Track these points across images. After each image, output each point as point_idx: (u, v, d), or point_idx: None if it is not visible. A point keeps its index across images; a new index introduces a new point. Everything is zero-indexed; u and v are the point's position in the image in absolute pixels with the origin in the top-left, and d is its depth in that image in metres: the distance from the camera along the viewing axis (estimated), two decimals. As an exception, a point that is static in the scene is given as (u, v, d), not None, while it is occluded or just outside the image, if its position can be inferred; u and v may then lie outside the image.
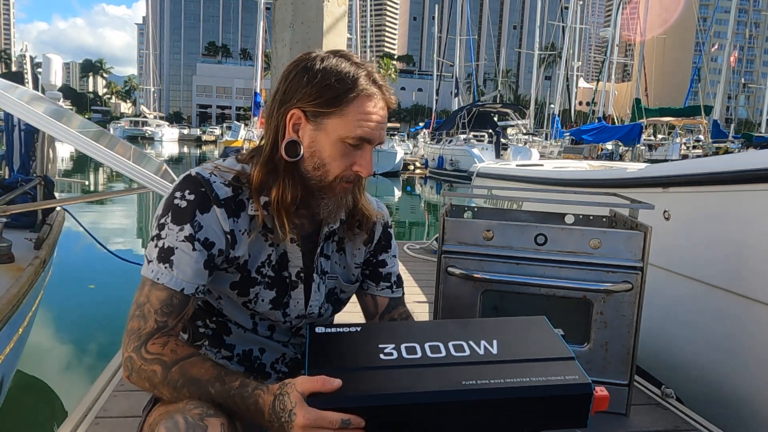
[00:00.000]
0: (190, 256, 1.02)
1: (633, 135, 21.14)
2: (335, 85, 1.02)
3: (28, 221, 3.61)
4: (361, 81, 1.03)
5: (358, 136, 1.03)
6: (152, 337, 0.99)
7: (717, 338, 2.22)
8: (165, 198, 1.07)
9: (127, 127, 59.04)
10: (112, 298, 5.32)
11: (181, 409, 0.91)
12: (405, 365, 0.93)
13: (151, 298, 1.01)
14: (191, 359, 0.96)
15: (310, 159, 1.06)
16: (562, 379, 0.91)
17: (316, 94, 1.02)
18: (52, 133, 1.84)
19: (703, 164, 2.30)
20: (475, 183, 5.47)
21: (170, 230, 1.02)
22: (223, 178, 1.07)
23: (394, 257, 1.30)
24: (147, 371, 0.96)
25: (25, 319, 2.71)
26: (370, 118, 1.03)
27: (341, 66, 1.04)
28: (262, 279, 1.12)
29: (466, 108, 26.53)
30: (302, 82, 1.03)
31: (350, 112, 1.02)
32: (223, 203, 1.05)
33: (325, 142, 1.05)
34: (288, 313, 1.16)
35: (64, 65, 4.86)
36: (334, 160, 1.05)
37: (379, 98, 1.05)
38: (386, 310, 1.28)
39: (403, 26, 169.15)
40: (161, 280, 1.01)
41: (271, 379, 1.20)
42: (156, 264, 1.02)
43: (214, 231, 1.04)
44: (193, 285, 1.03)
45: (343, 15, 2.98)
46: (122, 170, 1.93)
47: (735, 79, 55.60)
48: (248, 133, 24.26)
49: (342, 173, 1.06)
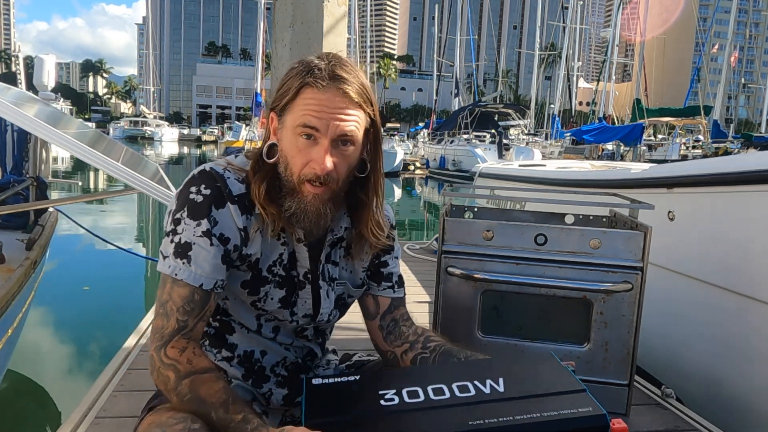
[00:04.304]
0: (207, 251, 1.02)
1: (634, 135, 21.09)
2: (288, 81, 1.04)
3: (21, 222, 3.60)
4: (312, 71, 1.02)
5: (302, 123, 1.01)
6: (173, 339, 1.00)
7: (718, 338, 2.22)
8: (179, 192, 1.07)
9: (127, 128, 59.11)
10: (107, 300, 5.33)
11: (163, 423, 0.93)
12: (408, 409, 0.88)
13: (173, 296, 1.02)
14: (204, 375, 0.97)
15: (282, 158, 1.07)
16: (575, 412, 0.86)
17: (278, 92, 1.06)
18: (39, 135, 1.83)
19: (708, 165, 2.30)
20: (477, 183, 5.47)
21: (186, 225, 1.03)
22: (236, 175, 1.08)
23: (396, 258, 1.29)
24: (163, 375, 0.98)
25: (15, 320, 2.71)
26: (314, 106, 1.01)
27: (304, 62, 1.05)
28: (273, 278, 1.12)
29: (467, 108, 26.53)
30: (278, 86, 1.07)
31: (297, 104, 1.02)
32: (237, 200, 1.06)
33: (285, 138, 1.05)
34: (295, 312, 1.16)
35: (64, 65, 4.86)
36: (293, 157, 1.04)
37: (332, 89, 1.01)
38: (387, 311, 1.26)
39: (403, 26, 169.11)
40: (180, 276, 1.02)
41: (269, 382, 1.20)
42: (173, 259, 1.02)
43: (229, 227, 1.05)
44: (211, 280, 1.03)
45: (343, 15, 2.98)
46: (111, 172, 1.91)
47: (735, 79, 55.55)
48: (249, 133, 24.25)
49: (302, 171, 1.04)
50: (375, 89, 1.19)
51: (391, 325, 1.26)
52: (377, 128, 1.11)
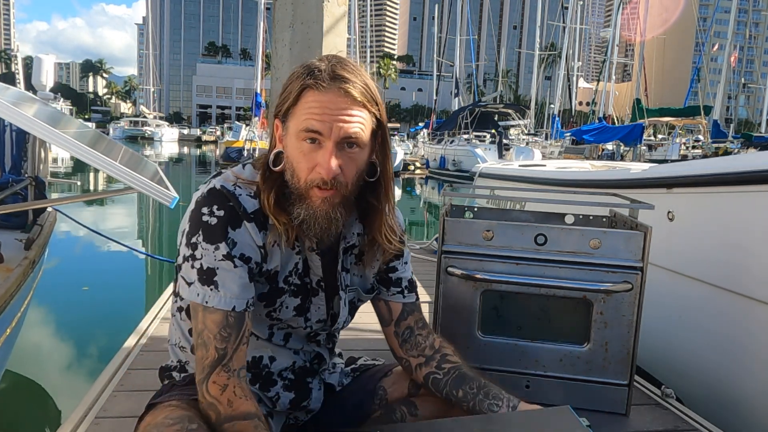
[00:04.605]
0: (233, 273, 1.00)
1: (634, 135, 21.09)
2: (290, 85, 1.02)
3: (19, 222, 3.60)
4: (313, 72, 0.99)
5: (305, 127, 0.99)
6: (214, 371, 0.98)
7: (718, 338, 2.22)
8: (190, 213, 1.03)
9: (127, 128, 59.11)
10: (107, 300, 5.32)
11: (160, 424, 0.93)
12: None
13: (207, 324, 1.00)
14: (243, 423, 0.96)
15: (288, 165, 1.04)
16: None
17: (281, 98, 1.03)
18: (38, 135, 1.82)
19: (708, 165, 2.30)
20: (477, 183, 5.47)
21: (205, 250, 1.00)
22: (248, 190, 1.05)
23: (406, 263, 1.28)
24: (206, 411, 0.98)
25: (13, 320, 2.71)
26: (316, 109, 0.98)
27: (305, 65, 1.02)
28: (289, 288, 1.11)
29: (467, 108, 26.54)
30: (281, 91, 1.04)
31: (299, 108, 1.00)
32: (252, 217, 1.03)
33: (290, 144, 1.03)
34: (309, 318, 1.15)
35: (63, 65, 4.87)
36: (298, 162, 1.02)
37: (334, 89, 0.98)
38: (401, 317, 1.25)
39: (403, 26, 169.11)
40: (211, 303, 0.99)
41: (276, 386, 1.19)
42: (200, 287, 1.00)
43: (249, 245, 1.02)
44: (243, 300, 1.01)
45: (343, 15, 2.98)
46: (110, 172, 1.90)
47: (735, 79, 55.55)
48: (249, 133, 24.25)
49: (308, 176, 1.01)
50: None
51: (407, 333, 1.24)
52: (384, 129, 1.08)
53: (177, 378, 1.17)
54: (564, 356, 1.87)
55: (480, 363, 1.83)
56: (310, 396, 1.23)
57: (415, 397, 1.27)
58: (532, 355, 1.89)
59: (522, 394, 1.89)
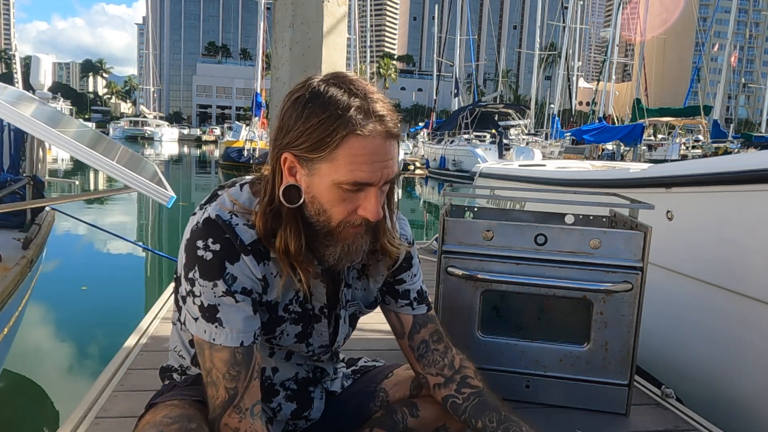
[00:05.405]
0: (236, 308, 0.97)
1: (634, 135, 21.10)
2: (320, 126, 0.89)
3: (17, 221, 3.60)
4: (352, 116, 0.88)
5: (353, 181, 0.91)
6: (225, 412, 0.96)
7: (718, 338, 2.22)
8: (185, 244, 0.99)
9: (127, 127, 59.14)
10: (107, 300, 5.32)
11: (159, 423, 0.92)
12: None
13: (215, 362, 0.97)
14: None
15: (311, 204, 0.96)
16: None
17: (302, 138, 0.91)
18: (36, 135, 1.82)
19: (707, 165, 2.30)
20: (477, 183, 5.47)
21: (203, 287, 0.96)
22: (245, 219, 0.98)
23: (416, 275, 1.24)
24: None
25: (10, 319, 2.71)
26: (363, 159, 0.89)
27: (330, 99, 0.89)
28: (289, 316, 1.08)
29: (468, 108, 26.53)
30: (291, 122, 0.92)
31: (340, 156, 0.89)
32: (250, 249, 0.97)
33: (320, 187, 0.94)
34: (311, 344, 1.14)
35: (63, 65, 4.86)
36: (333, 206, 0.95)
37: (378, 132, 0.90)
38: (413, 330, 1.21)
39: (403, 26, 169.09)
40: (218, 340, 0.97)
41: (279, 396, 1.18)
42: (204, 323, 0.97)
43: (248, 278, 0.98)
44: (249, 334, 0.99)
45: (344, 15, 2.97)
46: (109, 172, 1.90)
47: (735, 79, 55.56)
48: (249, 133, 24.24)
49: (346, 218, 0.96)
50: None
51: (422, 348, 1.21)
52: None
53: (178, 379, 1.17)
54: (564, 356, 1.87)
55: (480, 363, 1.82)
56: (311, 407, 1.23)
57: (416, 398, 1.27)
58: (532, 355, 1.89)
59: (522, 394, 1.90)
